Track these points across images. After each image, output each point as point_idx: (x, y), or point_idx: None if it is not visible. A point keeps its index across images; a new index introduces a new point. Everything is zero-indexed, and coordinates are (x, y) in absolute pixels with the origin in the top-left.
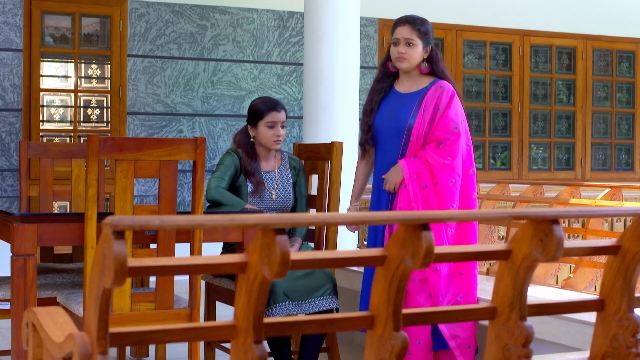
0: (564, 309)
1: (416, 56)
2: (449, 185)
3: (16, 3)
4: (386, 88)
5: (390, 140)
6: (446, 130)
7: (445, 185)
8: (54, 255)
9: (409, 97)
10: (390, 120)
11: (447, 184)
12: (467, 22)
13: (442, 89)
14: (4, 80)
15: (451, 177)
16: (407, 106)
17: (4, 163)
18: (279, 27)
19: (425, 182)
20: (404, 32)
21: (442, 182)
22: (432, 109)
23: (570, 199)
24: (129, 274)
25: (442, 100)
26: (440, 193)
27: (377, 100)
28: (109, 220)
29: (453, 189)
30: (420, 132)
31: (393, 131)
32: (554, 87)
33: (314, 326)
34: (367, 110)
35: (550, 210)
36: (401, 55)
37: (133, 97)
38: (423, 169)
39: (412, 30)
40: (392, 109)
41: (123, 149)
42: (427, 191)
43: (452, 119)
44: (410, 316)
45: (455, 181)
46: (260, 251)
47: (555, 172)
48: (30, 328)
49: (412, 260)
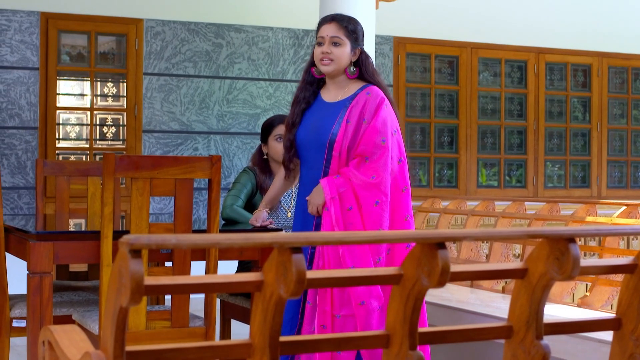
0: (580, 328)
1: (343, 57)
2: (374, 206)
3: (33, 22)
4: (309, 97)
5: (312, 156)
6: (372, 144)
7: (370, 207)
8: (70, 273)
9: (335, 106)
10: (313, 133)
11: (371, 205)
12: (482, 39)
13: (368, 96)
14: (20, 98)
15: (376, 197)
16: (331, 117)
17: (20, 181)
18: (294, 45)
19: (349, 204)
20: (329, 30)
21: (367, 204)
22: (357, 119)
23: (587, 217)
24: (146, 293)
25: (368, 109)
26: (366, 216)
27: (299, 112)
28: (126, 239)
29: (379, 211)
30: (344, 146)
31: (315, 145)
32: (569, 104)
33: (330, 344)
34: (289, 124)
35: (567, 229)
36: (326, 55)
37: (149, 115)
38: (346, 188)
39: (339, 28)
40: (315, 120)
41: (139, 167)
42: (352, 214)
43: (378, 130)
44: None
45: (382, 202)
46: (277, 270)
47: (571, 190)
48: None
49: (428, 279)
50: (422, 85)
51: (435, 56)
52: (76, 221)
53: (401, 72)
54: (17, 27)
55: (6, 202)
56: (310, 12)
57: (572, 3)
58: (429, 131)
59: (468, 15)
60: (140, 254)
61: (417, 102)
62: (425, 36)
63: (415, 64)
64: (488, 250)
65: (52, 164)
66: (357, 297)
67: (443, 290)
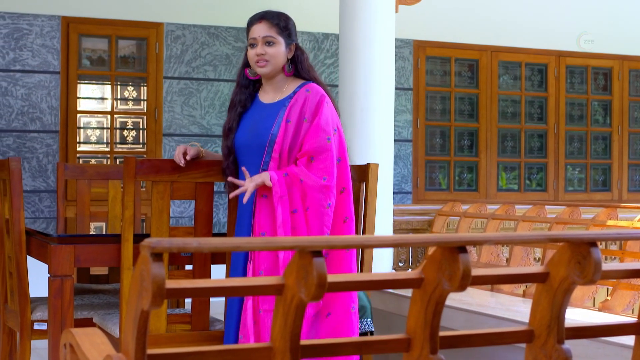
0: (602, 332)
1: (279, 56)
2: (326, 209)
3: (54, 26)
4: (245, 101)
5: (249, 159)
6: (317, 143)
7: (321, 210)
8: (90, 276)
9: (273, 107)
10: (252, 136)
11: (323, 207)
12: (502, 43)
13: (308, 94)
14: (41, 102)
15: (328, 199)
16: (269, 118)
17: (41, 184)
18: (313, 48)
19: (295, 206)
20: (260, 30)
21: (316, 206)
22: (297, 118)
23: (608, 221)
24: (167, 296)
25: (308, 107)
26: (312, 219)
27: (236, 116)
28: (147, 242)
29: (330, 213)
30: (284, 147)
31: (254, 148)
32: (589, 108)
33: (351, 348)
34: (225, 130)
35: (588, 233)
36: (261, 57)
37: (169, 118)
38: (295, 189)
39: (270, 27)
40: (254, 122)
41: (159, 170)
42: (297, 217)
43: (322, 128)
44: (448, 339)
45: (332, 204)
46: (297, 273)
47: (591, 194)
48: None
49: (449, 283)
50: (442, 89)
51: (455, 59)
52: (97, 224)
53: (421, 75)
54: (39, 32)
55: (27, 205)
56: (330, 16)
57: (593, 7)
58: (449, 135)
59: (488, 19)
60: (162, 257)
61: (437, 105)
62: (445, 39)
63: (435, 68)
64: (508, 253)
65: (73, 168)
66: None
67: (463, 294)
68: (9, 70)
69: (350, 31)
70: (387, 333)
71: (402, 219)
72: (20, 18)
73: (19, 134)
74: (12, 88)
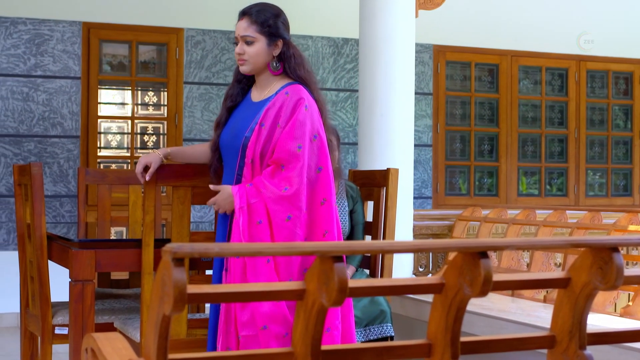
0: (624, 338)
1: (258, 55)
2: (286, 222)
3: (75, 32)
4: (236, 96)
5: (229, 160)
6: (286, 151)
7: (281, 223)
8: (111, 281)
9: (257, 106)
10: (231, 136)
11: (282, 220)
12: (522, 47)
13: (286, 97)
14: (62, 107)
15: (288, 211)
16: (249, 119)
17: (62, 189)
18: (333, 53)
19: (259, 217)
20: (239, 29)
21: (277, 219)
22: (271, 123)
23: (629, 226)
24: (188, 301)
25: (284, 112)
26: (276, 232)
27: (225, 110)
28: (169, 248)
29: (291, 227)
30: (256, 153)
31: (231, 150)
32: (610, 112)
33: (372, 354)
34: (215, 124)
35: (610, 238)
36: (240, 57)
37: (189, 123)
38: (258, 200)
39: (249, 24)
40: (236, 121)
41: (180, 175)
42: (261, 228)
43: (294, 136)
44: (469, 344)
45: (295, 216)
46: (318, 279)
47: (612, 199)
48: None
49: (470, 288)
50: (462, 94)
51: (475, 64)
52: (117, 229)
53: (441, 80)
54: (60, 37)
55: (48, 210)
56: (350, 21)
57: (614, 11)
58: (469, 139)
59: (508, 23)
60: (183, 262)
61: (457, 110)
62: (465, 44)
63: (455, 72)
64: (529, 259)
65: (94, 173)
66: (262, 319)
67: (484, 300)
68: (30, 76)
69: (370, 36)
70: (408, 338)
71: (422, 224)
72: (41, 24)
73: (40, 139)
74: (34, 93)
